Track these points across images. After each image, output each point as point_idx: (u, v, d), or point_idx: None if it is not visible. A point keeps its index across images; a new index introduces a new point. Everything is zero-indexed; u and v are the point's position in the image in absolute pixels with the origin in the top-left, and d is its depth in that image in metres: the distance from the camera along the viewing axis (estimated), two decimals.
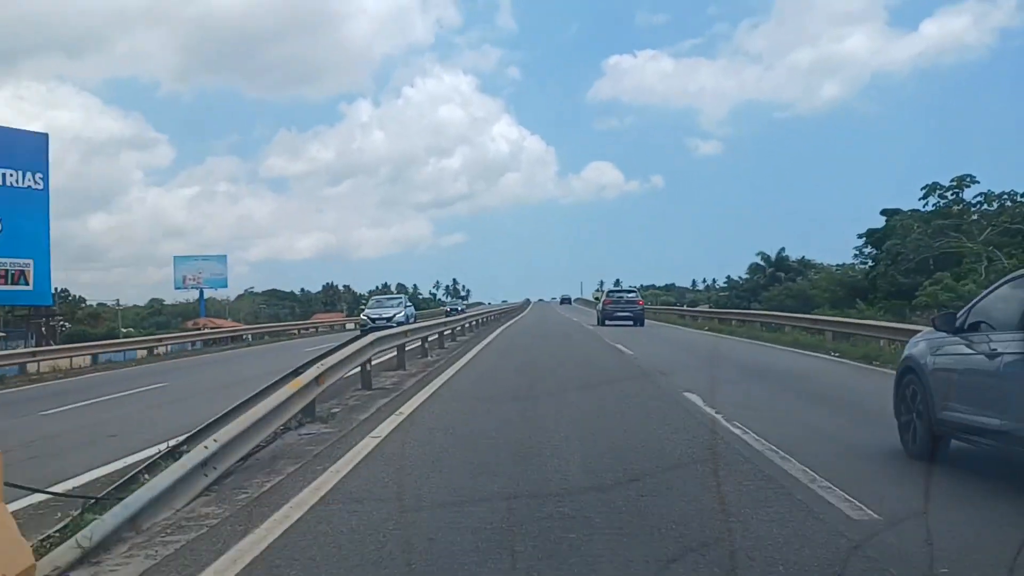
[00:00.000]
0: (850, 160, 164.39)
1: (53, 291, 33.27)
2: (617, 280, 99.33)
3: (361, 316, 35.58)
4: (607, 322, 31.27)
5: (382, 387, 10.87)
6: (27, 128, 30.34)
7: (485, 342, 21.66)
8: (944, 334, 5.96)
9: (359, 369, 10.44)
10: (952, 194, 39.48)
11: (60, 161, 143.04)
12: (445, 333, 19.90)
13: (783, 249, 67.95)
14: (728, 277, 79.76)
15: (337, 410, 8.75)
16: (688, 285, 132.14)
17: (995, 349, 5.25)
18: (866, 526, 4.23)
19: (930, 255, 36.09)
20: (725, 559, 3.78)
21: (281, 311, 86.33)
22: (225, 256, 58.55)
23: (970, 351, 5.60)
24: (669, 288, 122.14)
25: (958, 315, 5.95)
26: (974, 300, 6.02)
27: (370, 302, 39.89)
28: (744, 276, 73.49)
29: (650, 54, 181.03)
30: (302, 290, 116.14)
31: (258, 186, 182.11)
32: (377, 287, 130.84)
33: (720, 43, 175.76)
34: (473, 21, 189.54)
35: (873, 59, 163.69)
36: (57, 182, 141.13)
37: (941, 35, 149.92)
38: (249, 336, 36.83)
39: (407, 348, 14.16)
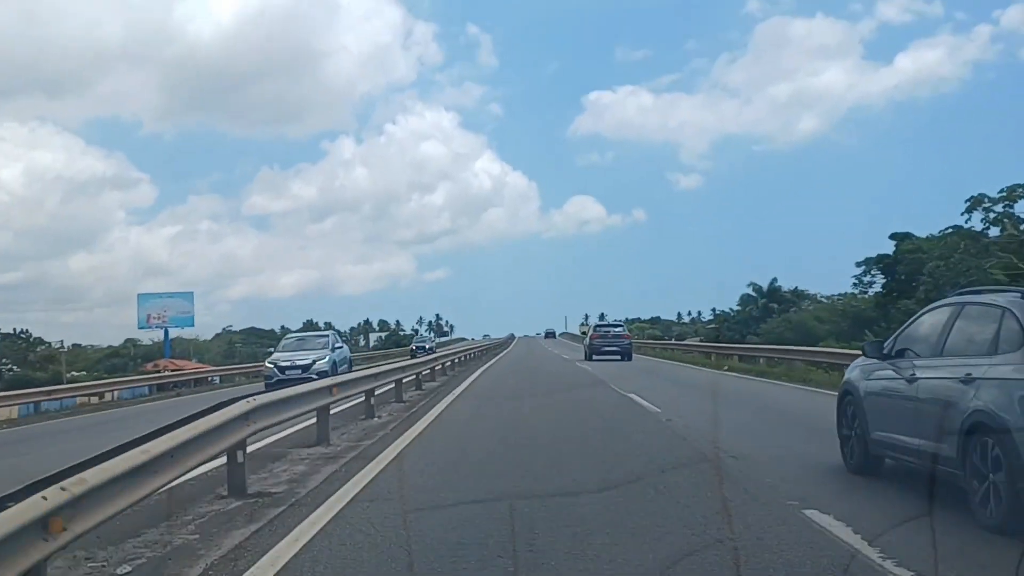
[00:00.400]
0: (830, 192, 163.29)
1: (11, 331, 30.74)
2: (602, 314, 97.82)
3: (266, 363, 24.12)
4: (595, 357, 30.79)
5: (267, 491, 6.38)
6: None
7: (460, 389, 17.58)
8: (876, 360, 6.69)
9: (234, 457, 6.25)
10: (1004, 206, 33.89)
11: (41, 201, 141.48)
12: (407, 380, 15.70)
13: (775, 280, 65.00)
14: (713, 310, 76.85)
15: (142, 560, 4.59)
16: (673, 318, 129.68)
17: (914, 374, 5.97)
18: None
19: (964, 279, 31.93)
20: None
21: (259, 350, 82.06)
22: (191, 293, 53.47)
23: (895, 376, 6.28)
24: (654, 321, 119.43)
25: (886, 343, 6.77)
26: (901, 328, 6.77)
27: (280, 343, 25.96)
28: (735, 308, 70.31)
29: (629, 89, 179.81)
30: (282, 327, 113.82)
31: (241, 224, 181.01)
32: (360, 324, 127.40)
33: (699, 78, 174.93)
34: (455, 58, 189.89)
35: (849, 92, 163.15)
36: (38, 223, 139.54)
37: (916, 68, 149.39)
38: (217, 378, 33.77)
39: (337, 409, 10.05)
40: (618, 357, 30.32)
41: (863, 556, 4.19)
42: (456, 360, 27.99)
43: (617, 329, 34.21)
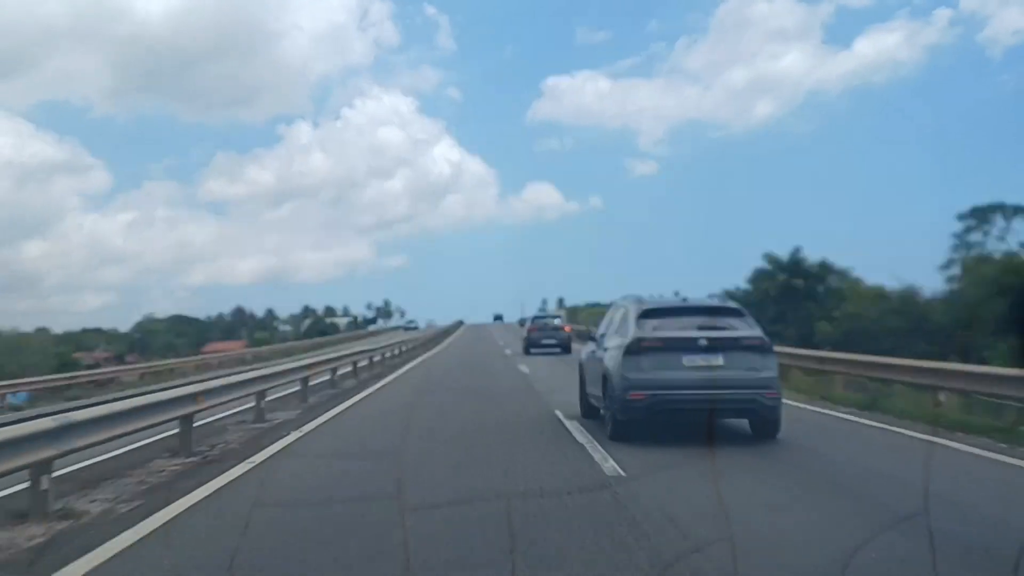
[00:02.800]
0: (790, 177, 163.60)
1: None
2: (560, 299, 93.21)
3: None
4: (532, 350, 29.90)
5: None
6: None
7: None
8: (594, 343, 10.52)
9: None
10: None
11: None
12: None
13: (799, 249, 47.24)
14: (726, 289, 51.84)
15: None
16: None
17: (595, 351, 10.18)
18: None
19: None
20: None
21: (178, 341, 78.32)
22: None
23: (595, 352, 10.12)
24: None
25: (598, 331, 10.55)
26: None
27: None
28: (742, 287, 51.96)
29: (588, 74, 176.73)
30: (219, 315, 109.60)
31: (197, 210, 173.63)
32: (303, 310, 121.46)
33: (657, 62, 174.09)
34: (412, 40, 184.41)
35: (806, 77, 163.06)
36: None
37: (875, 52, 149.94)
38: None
39: None
40: (557, 350, 29.93)
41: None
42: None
43: (555, 321, 33.98)
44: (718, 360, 8.36)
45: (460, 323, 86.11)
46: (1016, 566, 3.85)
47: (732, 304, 10.18)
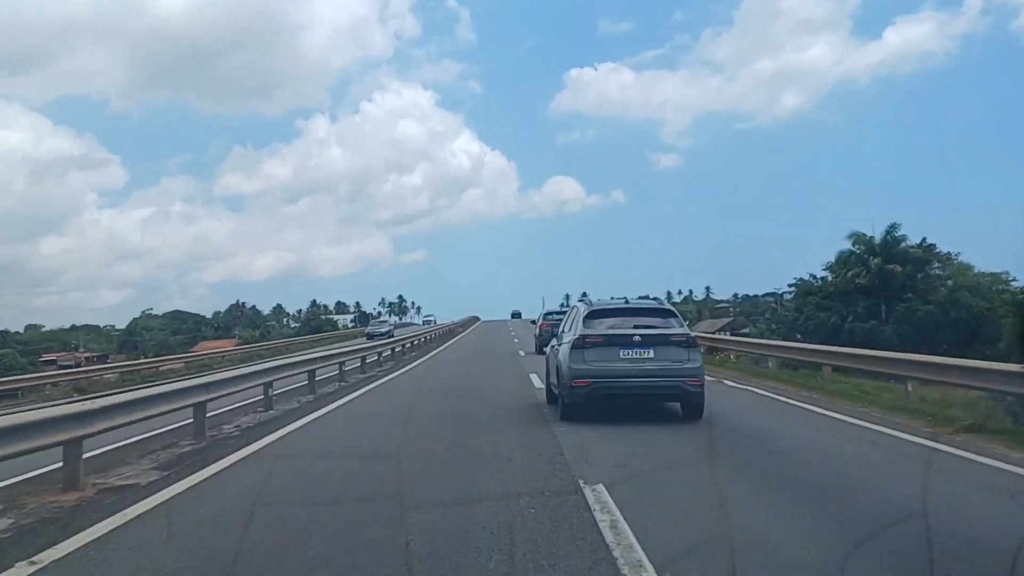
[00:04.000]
0: (814, 170, 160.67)
1: None
2: (584, 294, 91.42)
3: None
4: (545, 349, 25.49)
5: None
6: None
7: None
8: (555, 339, 12.11)
9: None
10: None
11: (9, 183, 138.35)
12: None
13: (894, 227, 38.79)
14: (800, 279, 45.04)
15: None
16: (662, 297, 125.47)
17: (554, 346, 11.93)
18: None
19: None
20: None
21: (171, 338, 77.38)
22: None
23: (555, 346, 11.80)
24: (643, 300, 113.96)
25: (560, 328, 12.10)
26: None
27: None
28: (819, 276, 42.20)
29: (611, 66, 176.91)
30: (218, 313, 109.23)
31: (214, 205, 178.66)
32: (313, 303, 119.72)
33: (682, 53, 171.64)
34: (432, 33, 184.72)
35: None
36: (7, 205, 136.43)
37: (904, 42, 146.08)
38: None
39: None
40: None
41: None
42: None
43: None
44: (649, 353, 10.06)
45: (475, 319, 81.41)
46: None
47: (665, 306, 12.00)
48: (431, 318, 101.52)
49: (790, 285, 49.70)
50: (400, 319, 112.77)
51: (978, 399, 10.96)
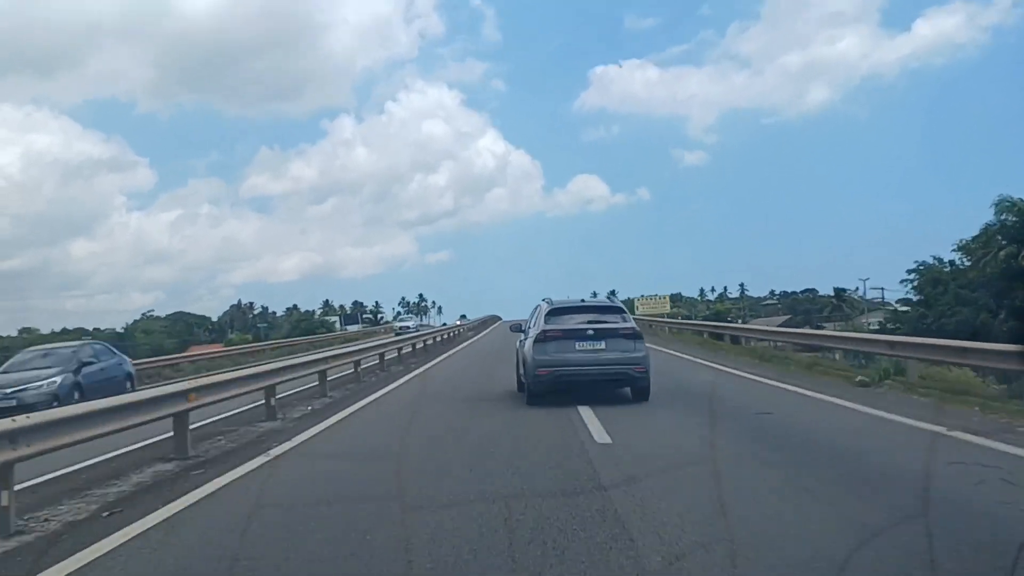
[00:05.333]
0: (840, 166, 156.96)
1: None
2: (612, 292, 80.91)
3: None
4: None
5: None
6: None
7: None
8: (523, 334, 13.15)
9: None
10: None
11: (39, 186, 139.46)
12: None
13: None
14: (922, 264, 38.59)
15: None
16: (695, 295, 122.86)
17: (521, 340, 12.93)
18: None
19: None
20: None
21: (167, 341, 72.85)
22: None
23: (523, 340, 12.81)
24: (675, 298, 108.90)
25: (526, 324, 13.20)
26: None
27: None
28: (941, 260, 35.81)
29: (636, 63, 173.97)
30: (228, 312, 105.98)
31: (241, 207, 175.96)
32: (341, 306, 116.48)
33: (708, 49, 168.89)
34: (457, 32, 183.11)
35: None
36: (37, 208, 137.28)
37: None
38: None
39: None
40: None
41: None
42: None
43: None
44: (601, 345, 11.40)
45: (495, 319, 72.46)
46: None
47: (615, 304, 14.24)
48: (408, 322, 79.58)
49: (910, 272, 39.09)
50: (421, 320, 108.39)
51: None
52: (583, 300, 13.11)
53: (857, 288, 69.06)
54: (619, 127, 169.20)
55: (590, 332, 11.42)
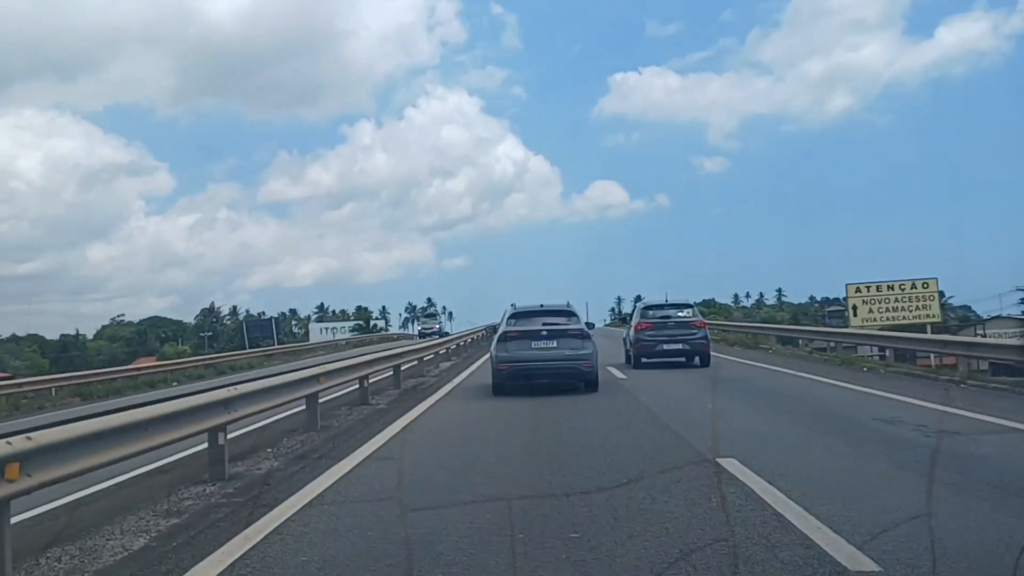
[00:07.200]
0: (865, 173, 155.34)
1: None
2: (638, 296, 68.67)
3: None
4: (645, 360, 18.94)
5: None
6: None
7: None
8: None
9: None
10: None
11: (60, 190, 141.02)
12: None
13: None
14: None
15: None
16: (728, 301, 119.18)
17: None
18: None
19: None
20: None
21: (122, 351, 68.59)
22: None
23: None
24: (709, 304, 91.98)
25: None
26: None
27: None
28: None
29: (656, 69, 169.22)
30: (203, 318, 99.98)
31: (259, 212, 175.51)
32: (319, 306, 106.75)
33: (728, 55, 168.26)
34: (478, 39, 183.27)
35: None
36: (57, 212, 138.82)
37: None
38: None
39: None
40: (683, 358, 18.94)
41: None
42: None
43: (682, 313, 19.60)
44: (553, 344, 13.22)
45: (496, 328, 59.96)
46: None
47: (569, 308, 14.77)
48: (433, 326, 65.28)
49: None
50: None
51: None
52: (542, 305, 14.59)
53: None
54: (639, 133, 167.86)
55: (544, 332, 13.33)
